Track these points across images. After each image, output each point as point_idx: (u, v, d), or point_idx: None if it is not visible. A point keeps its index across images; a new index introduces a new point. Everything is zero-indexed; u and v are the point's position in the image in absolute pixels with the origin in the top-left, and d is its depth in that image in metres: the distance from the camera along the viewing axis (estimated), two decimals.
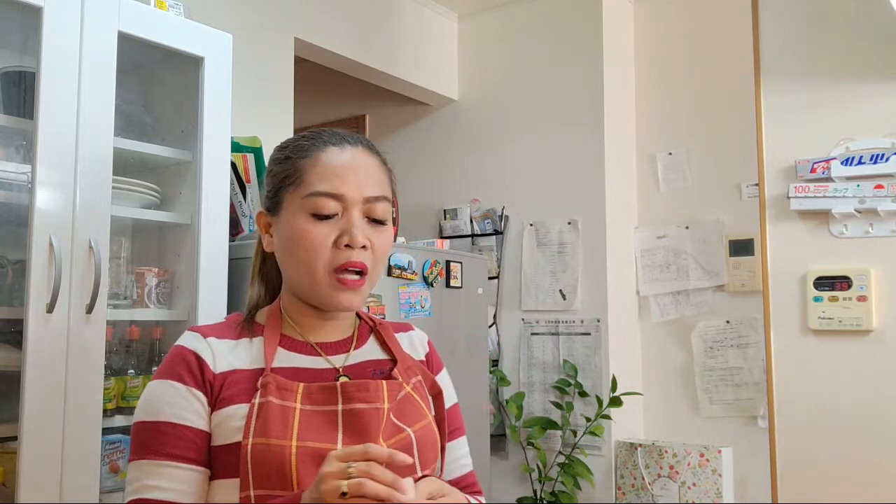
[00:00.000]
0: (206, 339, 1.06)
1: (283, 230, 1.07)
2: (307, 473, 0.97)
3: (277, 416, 0.99)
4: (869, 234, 2.05)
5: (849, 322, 2.05)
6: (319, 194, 1.04)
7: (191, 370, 1.03)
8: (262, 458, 0.97)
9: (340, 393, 1.03)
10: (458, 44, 3.56)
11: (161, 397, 1.02)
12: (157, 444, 1.00)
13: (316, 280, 1.05)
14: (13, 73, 1.74)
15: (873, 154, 2.04)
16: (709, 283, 3.02)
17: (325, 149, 1.08)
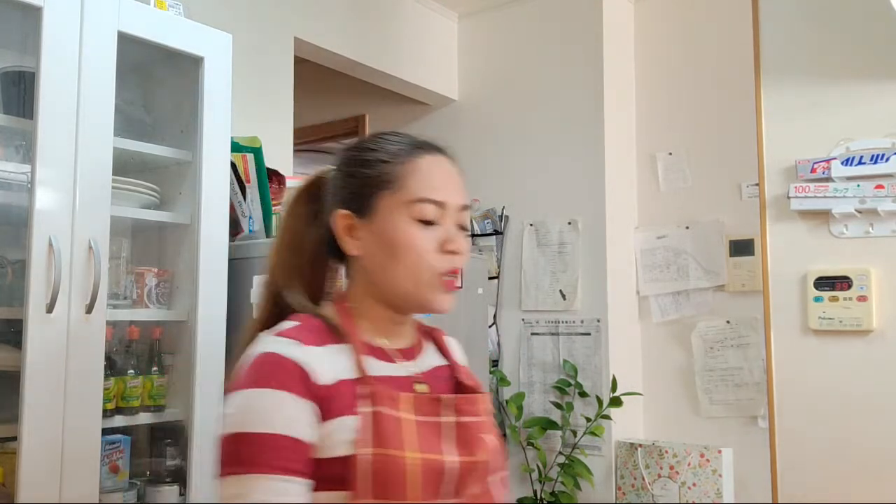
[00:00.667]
0: (305, 347, 1.01)
1: (381, 233, 1.07)
2: (425, 483, 0.99)
3: (391, 426, 0.99)
4: (869, 234, 2.05)
5: (849, 322, 2.05)
6: (425, 201, 1.07)
7: (296, 381, 0.98)
8: (381, 469, 0.97)
9: (449, 406, 1.06)
10: (458, 44, 3.55)
11: (268, 406, 0.97)
12: (268, 456, 0.94)
13: (420, 284, 1.07)
14: (13, 72, 1.74)
15: (873, 154, 2.04)
16: (709, 284, 3.02)
17: (422, 156, 1.11)
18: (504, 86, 3.38)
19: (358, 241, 1.09)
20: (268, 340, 1.03)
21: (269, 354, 1.01)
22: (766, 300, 2.18)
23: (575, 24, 3.19)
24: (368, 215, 1.08)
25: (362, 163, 1.11)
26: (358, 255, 1.10)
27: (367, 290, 1.11)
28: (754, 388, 2.89)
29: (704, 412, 3.00)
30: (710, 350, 3.00)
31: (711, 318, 3.01)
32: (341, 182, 1.12)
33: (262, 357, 1.01)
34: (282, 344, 1.01)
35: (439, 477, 1.01)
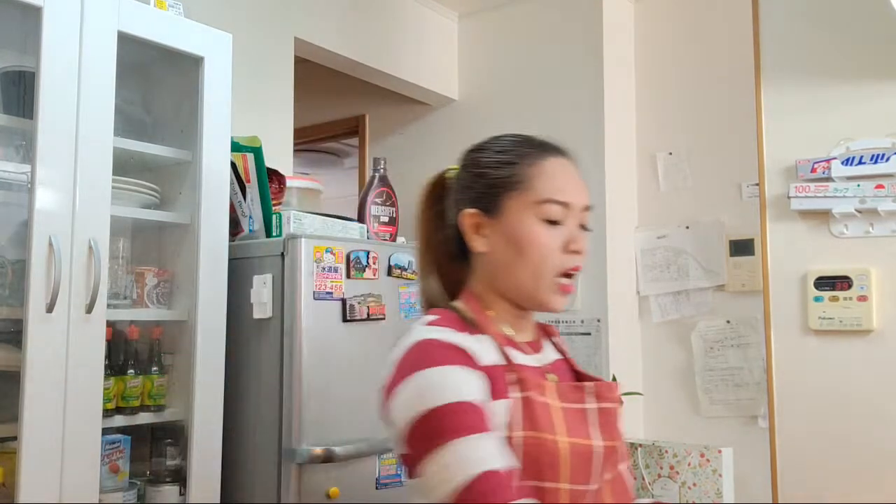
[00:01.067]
0: (459, 333, 1.06)
1: (508, 232, 1.12)
2: (575, 466, 1.03)
3: (542, 411, 1.04)
4: (869, 233, 2.05)
5: (849, 322, 2.05)
6: (552, 201, 1.11)
7: (465, 358, 1.02)
8: (534, 451, 1.01)
9: (591, 392, 1.12)
10: (458, 44, 3.55)
11: (449, 380, 0.99)
12: (464, 420, 0.96)
13: (541, 282, 1.11)
14: (13, 72, 1.74)
15: (874, 154, 2.04)
16: (709, 283, 3.02)
17: (548, 158, 1.16)
18: (504, 86, 3.38)
19: (485, 239, 1.15)
20: (420, 330, 1.07)
21: (428, 340, 1.05)
22: (766, 300, 2.18)
23: (575, 24, 3.18)
24: (496, 214, 1.14)
25: (491, 164, 1.16)
26: (485, 251, 1.15)
27: (491, 285, 1.16)
28: (754, 388, 2.89)
29: (704, 412, 3.00)
30: (711, 350, 3.00)
31: (711, 318, 3.01)
32: (469, 182, 1.18)
33: (423, 343, 1.05)
34: (436, 332, 1.06)
35: (589, 461, 1.06)
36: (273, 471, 1.86)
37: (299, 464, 1.83)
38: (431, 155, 3.57)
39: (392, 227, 2.33)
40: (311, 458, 1.82)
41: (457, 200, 1.19)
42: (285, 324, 1.88)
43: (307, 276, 1.88)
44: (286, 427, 1.85)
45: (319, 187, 2.39)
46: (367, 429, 1.96)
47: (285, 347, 1.88)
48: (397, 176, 2.58)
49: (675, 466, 2.87)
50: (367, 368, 2.00)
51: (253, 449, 1.92)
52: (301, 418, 1.85)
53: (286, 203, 2.20)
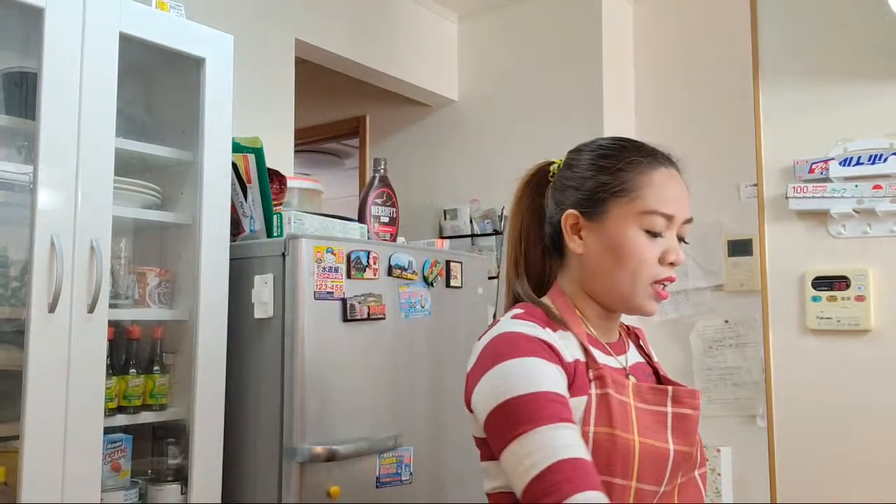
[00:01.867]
0: (543, 328, 1.07)
1: (608, 238, 1.12)
2: (646, 467, 1.04)
3: (618, 409, 1.05)
4: (867, 234, 2.06)
5: (847, 322, 2.06)
6: (657, 213, 1.11)
7: (547, 352, 1.04)
8: (606, 447, 1.02)
9: (671, 397, 1.13)
10: (458, 44, 3.56)
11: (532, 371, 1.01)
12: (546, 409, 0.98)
13: (636, 289, 1.12)
14: (15, 73, 1.75)
15: (871, 154, 2.05)
16: (707, 283, 3.03)
17: (658, 168, 1.14)
18: (504, 86, 3.39)
19: (582, 241, 1.15)
20: (507, 323, 1.09)
21: (513, 333, 1.06)
22: (764, 300, 2.19)
23: (574, 24, 3.19)
24: (598, 219, 1.13)
25: (600, 168, 1.15)
26: (581, 253, 1.15)
27: (583, 286, 1.16)
28: (753, 388, 2.90)
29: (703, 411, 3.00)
30: (709, 349, 3.01)
31: (710, 318, 3.02)
32: (575, 182, 1.17)
33: (507, 335, 1.06)
34: (522, 325, 1.07)
35: (662, 464, 1.07)
36: (274, 470, 1.87)
37: (300, 463, 1.84)
38: (431, 155, 3.58)
39: (392, 228, 2.33)
40: (312, 457, 1.83)
41: (559, 199, 1.18)
42: (286, 323, 1.89)
43: (308, 276, 1.89)
44: (287, 426, 1.86)
45: (320, 188, 2.39)
46: (367, 428, 1.97)
47: (286, 347, 1.88)
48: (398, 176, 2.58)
49: None
50: (367, 368, 2.00)
51: (254, 448, 1.93)
52: (302, 417, 1.86)
53: (287, 203, 2.21)
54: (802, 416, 2.11)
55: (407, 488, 2.05)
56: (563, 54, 3.21)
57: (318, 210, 2.23)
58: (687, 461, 1.11)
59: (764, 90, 2.22)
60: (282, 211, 2.09)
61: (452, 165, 3.50)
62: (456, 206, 3.44)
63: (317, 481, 1.86)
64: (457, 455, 2.19)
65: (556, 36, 3.25)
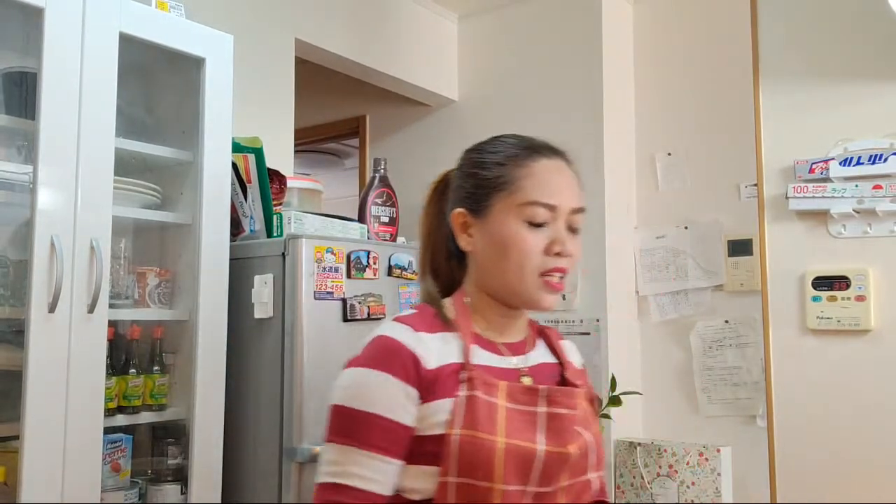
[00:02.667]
0: (417, 332, 1.09)
1: (493, 233, 1.13)
2: (511, 468, 1.03)
3: (484, 410, 1.05)
4: (867, 234, 2.06)
5: (847, 322, 2.06)
6: (537, 203, 1.12)
7: (405, 366, 1.06)
8: (470, 449, 1.03)
9: (543, 396, 1.11)
10: (458, 44, 3.56)
11: (375, 388, 1.05)
12: (367, 434, 1.03)
13: (525, 282, 1.12)
14: (15, 73, 1.75)
15: (872, 154, 2.05)
16: (708, 283, 3.03)
17: (539, 159, 1.16)
18: (504, 86, 3.39)
19: (471, 238, 1.16)
20: (387, 325, 1.12)
21: (383, 337, 1.09)
22: (764, 300, 2.19)
23: (574, 24, 3.19)
24: (482, 214, 1.15)
25: (480, 164, 1.17)
26: (471, 251, 1.17)
27: (480, 284, 1.18)
28: (753, 388, 2.90)
29: (703, 411, 3.01)
30: (709, 349, 3.01)
31: (710, 318, 3.02)
32: (460, 182, 1.20)
33: (378, 339, 1.10)
34: (398, 330, 1.10)
35: (527, 464, 1.06)
36: (274, 470, 1.87)
37: (300, 462, 1.84)
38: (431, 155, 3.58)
39: (392, 228, 2.33)
40: (312, 456, 1.83)
41: (451, 200, 1.21)
42: (286, 323, 1.89)
43: (308, 275, 1.89)
44: (287, 426, 1.86)
45: (320, 188, 2.39)
46: None
47: (286, 347, 1.88)
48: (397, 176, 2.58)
49: (674, 465, 2.87)
50: None
51: (254, 448, 1.93)
52: (302, 417, 1.86)
53: (287, 203, 2.21)
54: (802, 416, 2.11)
55: None
56: (563, 54, 3.21)
57: (318, 210, 2.23)
58: (562, 461, 1.09)
59: (764, 90, 2.23)
60: (282, 211, 2.09)
61: (452, 165, 3.49)
62: None
63: None
64: None
65: (556, 36, 3.25)
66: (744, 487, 2.85)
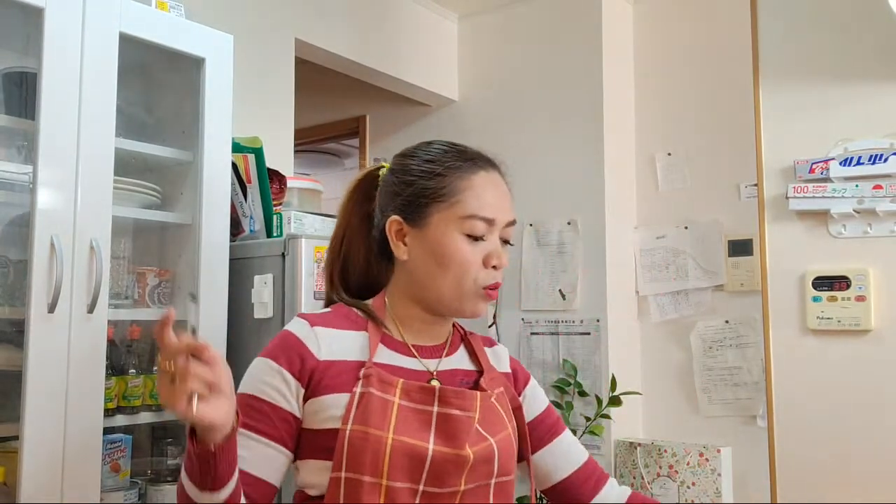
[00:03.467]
0: (312, 327, 1.12)
1: (430, 243, 1.13)
2: (398, 465, 1.04)
3: (377, 407, 1.06)
4: (867, 234, 2.06)
5: (847, 322, 2.06)
6: (477, 217, 1.13)
7: (289, 354, 1.09)
8: (359, 444, 1.04)
9: (438, 396, 1.10)
10: (458, 44, 3.56)
11: (253, 373, 1.11)
12: (244, 415, 1.05)
13: (462, 293, 1.13)
14: (14, 73, 1.75)
15: (872, 154, 2.05)
16: (708, 283, 3.03)
17: (478, 172, 1.17)
18: (504, 86, 3.39)
19: (406, 248, 1.16)
20: (291, 321, 1.16)
21: (283, 331, 1.14)
22: (764, 300, 2.19)
23: (574, 24, 3.19)
24: (420, 224, 1.14)
25: (420, 173, 1.16)
26: (405, 259, 1.16)
27: (407, 291, 1.17)
28: (753, 388, 2.90)
29: (703, 411, 3.01)
30: (709, 349, 3.01)
31: (710, 318, 3.02)
32: (397, 188, 1.18)
33: (281, 334, 1.14)
34: (295, 323, 1.14)
35: (417, 462, 1.05)
36: None
37: None
38: None
39: None
40: None
41: (383, 205, 1.19)
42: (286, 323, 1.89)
43: (308, 275, 1.89)
44: None
45: (320, 188, 2.39)
46: None
47: None
48: None
49: (675, 466, 2.87)
50: None
51: None
52: None
53: (287, 203, 2.21)
54: (803, 416, 2.11)
55: None
56: (563, 54, 3.21)
57: (317, 210, 2.23)
58: (457, 464, 1.07)
59: (764, 90, 2.22)
60: (281, 211, 2.09)
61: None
62: None
63: None
64: None
65: (556, 36, 3.25)
66: (744, 488, 2.85)
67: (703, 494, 2.80)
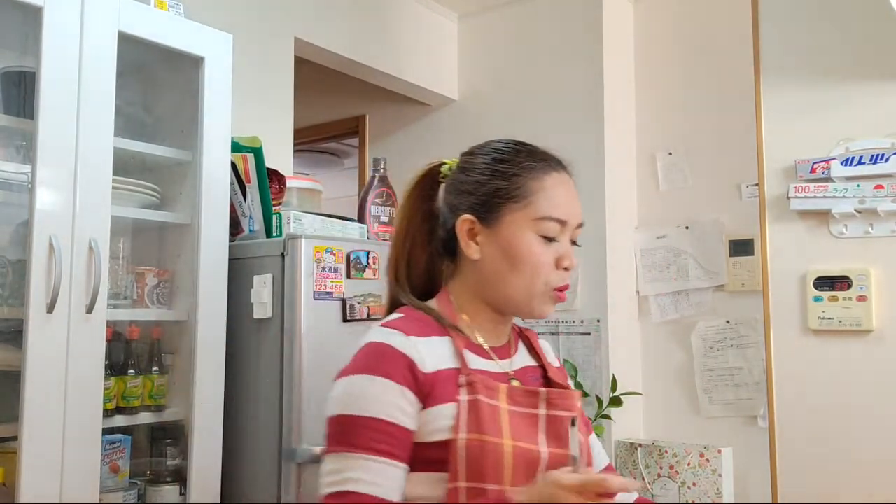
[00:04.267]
0: (409, 337, 1.08)
1: (503, 243, 1.12)
2: (519, 471, 1.03)
3: (488, 414, 1.05)
4: (869, 234, 2.05)
5: (848, 322, 2.05)
6: (551, 219, 1.12)
7: (401, 370, 1.04)
8: (477, 453, 1.02)
9: (545, 399, 1.11)
10: (458, 44, 3.55)
11: (370, 392, 1.04)
12: (366, 438, 1.01)
13: (533, 294, 1.12)
14: (13, 73, 1.74)
15: (873, 154, 2.04)
16: (709, 283, 3.02)
17: (551, 173, 1.16)
18: (504, 86, 3.38)
19: (478, 247, 1.14)
20: (375, 331, 1.11)
21: (375, 343, 1.08)
22: (765, 300, 2.18)
23: (575, 23, 3.19)
24: (493, 224, 1.13)
25: (492, 172, 1.15)
26: (476, 259, 1.14)
27: (475, 290, 1.16)
28: (754, 388, 2.89)
29: (704, 412, 3.00)
30: (710, 350, 3.01)
31: (711, 318, 3.01)
32: (469, 186, 1.16)
33: (369, 346, 1.08)
34: (387, 334, 1.08)
35: (533, 466, 1.06)
36: (273, 470, 1.86)
37: (299, 463, 1.83)
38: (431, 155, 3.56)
39: (392, 227, 2.33)
40: (311, 457, 1.82)
41: (452, 203, 1.18)
42: (285, 324, 1.88)
43: (307, 276, 1.88)
44: (286, 427, 1.86)
45: (319, 187, 2.39)
46: None
47: (285, 347, 1.88)
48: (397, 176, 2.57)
49: (675, 466, 2.87)
50: None
51: (253, 449, 1.92)
52: (301, 418, 1.85)
53: (286, 203, 2.21)
54: (804, 416, 2.10)
55: None
56: (563, 54, 3.21)
57: (317, 210, 2.22)
58: (563, 464, 1.08)
59: (765, 89, 2.22)
60: (281, 211, 2.09)
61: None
62: None
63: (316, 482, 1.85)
64: None
65: (556, 36, 3.24)
66: (745, 488, 2.84)
67: (704, 495, 2.80)
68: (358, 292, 1.98)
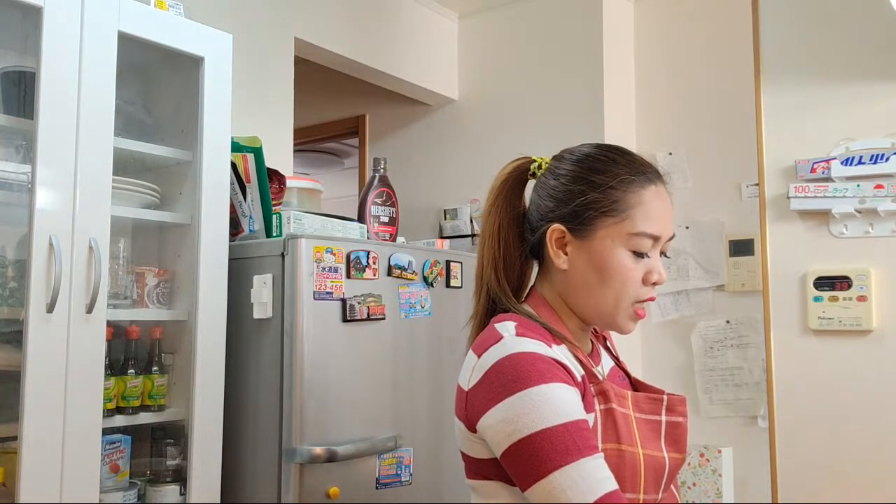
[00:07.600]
0: (551, 346, 1.05)
1: (594, 257, 1.09)
2: (649, 478, 1.03)
3: (622, 422, 1.04)
4: (869, 234, 2.05)
5: (849, 322, 2.05)
6: (645, 235, 1.08)
7: (564, 374, 1.01)
8: (616, 462, 1.01)
9: (666, 405, 1.11)
10: (458, 44, 3.55)
11: (565, 398, 0.98)
12: (583, 439, 0.96)
13: (620, 309, 1.09)
14: (13, 73, 1.74)
15: (873, 154, 2.04)
16: (709, 283, 3.02)
17: (649, 186, 1.10)
18: (504, 86, 3.38)
19: (566, 257, 1.11)
20: (514, 342, 1.03)
21: (527, 354, 1.01)
22: (765, 300, 2.18)
23: (575, 24, 3.19)
24: (584, 236, 1.09)
25: (590, 184, 1.10)
26: (565, 269, 1.11)
27: (565, 299, 1.14)
28: (754, 388, 2.89)
29: (704, 412, 3.00)
30: (710, 350, 3.00)
31: (711, 318, 3.01)
32: (562, 195, 1.11)
33: (521, 357, 1.01)
34: (532, 344, 1.03)
35: (661, 473, 1.06)
36: (273, 470, 1.86)
37: (299, 464, 1.83)
38: (431, 155, 3.58)
39: (392, 228, 2.33)
40: (312, 457, 1.82)
41: (543, 209, 1.13)
42: (285, 324, 1.88)
43: (307, 276, 1.88)
44: (286, 427, 1.86)
45: (319, 187, 2.39)
46: (367, 429, 1.97)
47: (285, 347, 1.88)
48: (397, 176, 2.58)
49: None
50: (366, 368, 2.00)
51: (253, 449, 1.92)
52: (301, 418, 1.85)
53: (286, 203, 2.20)
54: (804, 416, 2.10)
55: (406, 489, 2.05)
56: (563, 54, 3.21)
57: (317, 210, 2.22)
58: (679, 468, 1.11)
59: (765, 89, 2.22)
60: (281, 211, 2.09)
61: (452, 165, 3.49)
62: (456, 205, 3.44)
63: (316, 482, 1.85)
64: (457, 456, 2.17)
65: (556, 36, 3.24)
66: (745, 488, 2.84)
67: (704, 495, 2.80)
68: (358, 292, 1.98)
